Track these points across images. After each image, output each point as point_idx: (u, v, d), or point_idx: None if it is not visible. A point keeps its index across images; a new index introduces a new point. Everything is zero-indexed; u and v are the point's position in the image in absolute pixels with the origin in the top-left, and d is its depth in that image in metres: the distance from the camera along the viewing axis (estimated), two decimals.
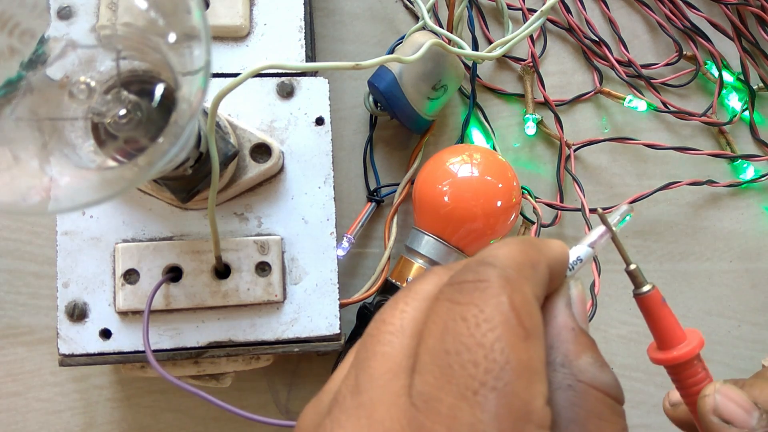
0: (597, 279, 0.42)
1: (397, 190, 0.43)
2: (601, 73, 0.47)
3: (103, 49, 0.26)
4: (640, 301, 0.24)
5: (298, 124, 0.37)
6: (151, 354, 0.32)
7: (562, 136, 0.45)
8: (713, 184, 0.46)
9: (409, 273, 0.39)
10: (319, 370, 0.42)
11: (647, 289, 0.24)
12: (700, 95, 0.48)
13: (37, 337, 0.41)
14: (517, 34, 0.40)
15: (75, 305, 0.34)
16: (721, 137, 0.48)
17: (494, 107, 0.46)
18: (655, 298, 0.24)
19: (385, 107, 0.41)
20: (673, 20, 0.48)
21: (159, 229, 0.35)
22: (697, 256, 0.46)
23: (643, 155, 0.47)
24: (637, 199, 0.45)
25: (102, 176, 0.26)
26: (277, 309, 0.35)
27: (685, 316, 0.45)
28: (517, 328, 0.16)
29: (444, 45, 0.38)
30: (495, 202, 0.38)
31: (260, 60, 0.37)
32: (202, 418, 0.41)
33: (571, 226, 0.46)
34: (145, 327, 0.32)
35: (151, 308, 0.34)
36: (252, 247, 0.35)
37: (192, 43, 0.23)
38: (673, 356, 0.23)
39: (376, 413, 0.16)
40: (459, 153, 0.40)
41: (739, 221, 0.47)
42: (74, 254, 0.34)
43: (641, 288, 0.24)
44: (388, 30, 0.47)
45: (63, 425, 0.40)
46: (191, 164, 0.30)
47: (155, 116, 0.26)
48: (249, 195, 0.36)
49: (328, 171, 0.37)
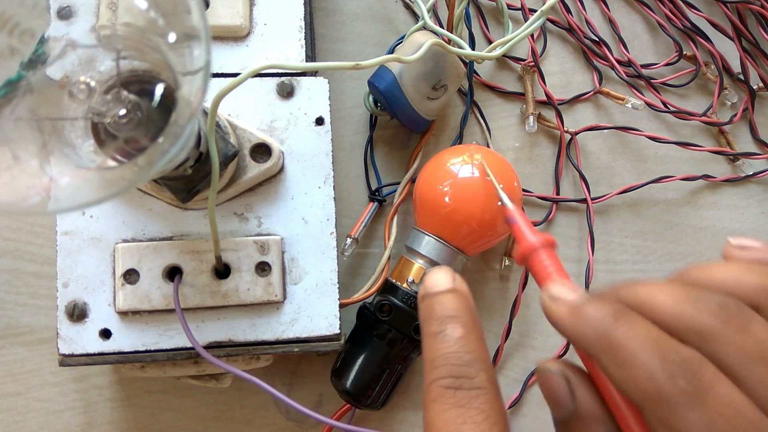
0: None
1: (398, 190, 0.43)
2: (600, 73, 0.47)
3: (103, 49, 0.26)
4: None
5: (298, 124, 0.37)
6: (201, 348, 0.33)
7: (562, 128, 0.45)
8: (709, 178, 0.46)
9: (409, 273, 0.39)
10: (319, 370, 0.42)
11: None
12: (700, 95, 0.49)
13: (37, 337, 0.41)
14: (517, 34, 0.40)
15: (75, 305, 0.34)
16: (721, 137, 0.48)
17: (494, 106, 0.46)
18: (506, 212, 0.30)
19: (385, 107, 0.41)
20: (673, 20, 0.48)
21: (159, 229, 0.35)
22: (697, 256, 0.46)
23: (643, 154, 0.47)
24: (627, 190, 0.45)
25: (102, 176, 0.26)
26: (277, 309, 0.35)
27: None
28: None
29: (444, 45, 0.38)
30: (496, 203, 0.38)
31: (260, 60, 0.37)
32: (202, 418, 0.41)
33: (565, 224, 0.46)
34: (183, 323, 0.33)
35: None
36: (252, 247, 0.35)
37: (192, 43, 0.23)
38: (516, 254, 0.28)
39: None
40: (460, 153, 0.40)
41: (739, 221, 0.47)
42: (74, 254, 0.34)
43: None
44: (388, 30, 0.47)
45: (63, 425, 0.40)
46: (191, 164, 0.30)
47: (155, 116, 0.26)
48: (249, 195, 0.36)
49: (328, 171, 0.37)
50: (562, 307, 0.23)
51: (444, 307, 0.25)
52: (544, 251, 0.27)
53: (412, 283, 0.38)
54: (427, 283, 0.26)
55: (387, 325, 0.38)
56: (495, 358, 0.43)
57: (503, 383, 0.43)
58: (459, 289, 0.26)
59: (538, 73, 0.46)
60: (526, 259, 0.27)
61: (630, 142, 0.47)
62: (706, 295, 0.21)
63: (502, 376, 0.43)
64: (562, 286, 0.24)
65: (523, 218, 0.29)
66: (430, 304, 0.26)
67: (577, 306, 0.22)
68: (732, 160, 0.48)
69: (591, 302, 0.22)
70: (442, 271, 0.26)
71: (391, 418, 0.42)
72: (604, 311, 0.21)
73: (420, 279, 0.38)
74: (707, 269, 0.23)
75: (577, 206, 0.46)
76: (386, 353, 0.38)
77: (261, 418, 0.42)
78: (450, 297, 0.25)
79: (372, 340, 0.38)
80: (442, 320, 0.25)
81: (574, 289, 0.23)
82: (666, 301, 0.21)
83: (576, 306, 0.22)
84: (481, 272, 0.44)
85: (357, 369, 0.38)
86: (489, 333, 0.44)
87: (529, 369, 0.43)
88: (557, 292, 0.23)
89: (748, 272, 0.22)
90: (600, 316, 0.21)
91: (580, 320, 0.22)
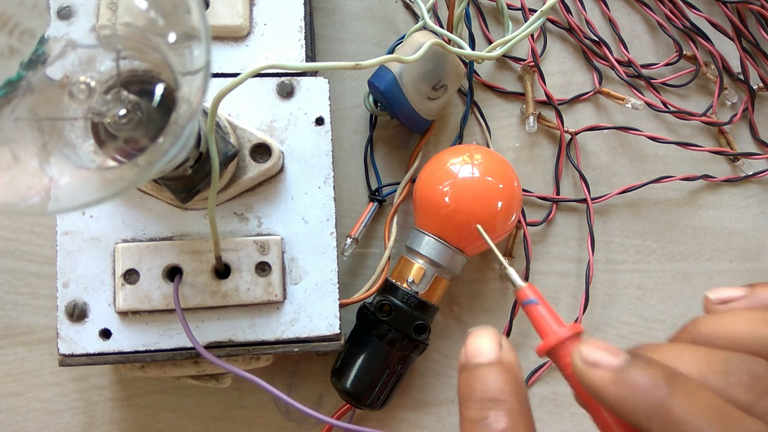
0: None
1: (398, 190, 0.43)
2: (600, 73, 0.47)
3: (103, 49, 0.26)
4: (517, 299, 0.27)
5: (298, 124, 0.37)
6: (201, 348, 0.33)
7: (562, 128, 0.45)
8: (709, 178, 0.46)
9: (409, 273, 0.39)
10: (319, 370, 0.42)
11: (518, 286, 0.26)
12: (700, 95, 0.49)
13: (37, 337, 0.41)
14: (517, 34, 0.40)
15: (75, 305, 0.34)
16: (721, 137, 0.48)
17: (494, 106, 0.46)
18: (521, 296, 0.26)
19: (385, 107, 0.41)
20: (673, 20, 0.48)
21: (159, 229, 0.35)
22: (697, 256, 0.46)
23: (643, 154, 0.47)
24: (627, 190, 0.45)
25: (102, 176, 0.26)
26: (277, 309, 0.35)
27: (685, 316, 0.45)
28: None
29: (444, 45, 0.38)
30: (496, 203, 0.38)
31: (260, 60, 0.37)
32: (202, 418, 0.41)
33: (565, 224, 0.46)
34: (183, 323, 0.33)
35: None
36: (252, 247, 0.35)
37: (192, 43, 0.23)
38: (539, 347, 0.24)
39: None
40: (460, 153, 0.40)
41: (739, 221, 0.47)
42: (74, 254, 0.34)
43: (515, 287, 0.26)
44: (388, 30, 0.47)
45: (63, 425, 0.40)
46: (191, 164, 0.30)
47: (155, 116, 0.26)
48: (249, 195, 0.36)
49: (328, 171, 0.37)
50: (604, 373, 0.20)
51: (486, 386, 0.21)
52: (572, 342, 0.23)
53: (412, 283, 0.38)
54: (468, 350, 0.22)
55: (387, 325, 0.38)
56: None
57: None
58: (506, 362, 0.22)
59: (538, 73, 0.45)
60: (551, 354, 0.24)
61: (630, 142, 0.47)
62: (733, 365, 0.19)
63: None
64: (598, 349, 0.20)
65: (545, 307, 0.25)
66: (469, 380, 0.22)
67: (622, 371, 0.19)
68: (732, 160, 0.48)
69: (635, 366, 0.19)
70: (487, 336, 0.22)
71: (391, 418, 0.42)
72: (655, 377, 0.19)
73: (420, 279, 0.38)
74: (719, 324, 0.21)
75: (577, 206, 0.46)
76: (386, 353, 0.38)
77: (261, 418, 0.42)
78: (495, 373, 0.21)
79: (372, 340, 0.38)
80: (484, 404, 0.21)
81: (613, 350, 0.20)
82: (691, 372, 0.19)
83: (620, 371, 0.19)
84: (481, 272, 0.44)
85: (357, 369, 0.38)
86: None
87: (529, 369, 0.43)
88: (595, 356, 0.20)
89: (763, 323, 0.20)
90: (650, 383, 0.19)
91: (628, 390, 0.19)
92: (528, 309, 0.25)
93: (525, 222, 0.44)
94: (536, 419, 0.46)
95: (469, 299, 0.44)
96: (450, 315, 0.44)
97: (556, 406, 0.43)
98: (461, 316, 0.44)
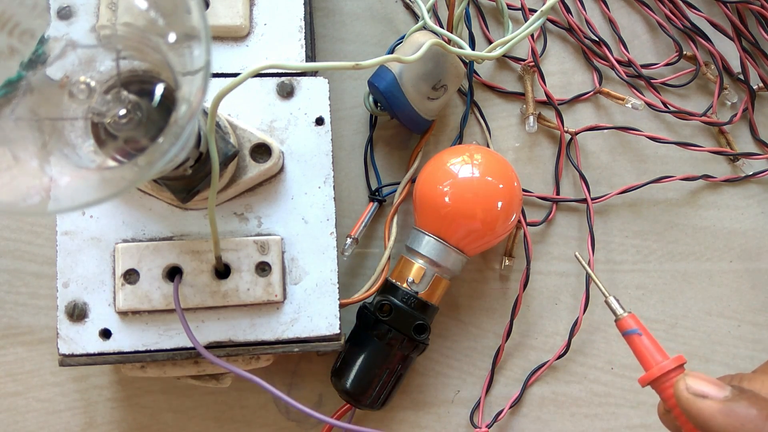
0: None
1: (398, 190, 0.43)
2: (600, 73, 0.47)
3: (103, 49, 0.26)
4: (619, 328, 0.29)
5: (298, 124, 0.37)
6: (201, 348, 0.33)
7: (562, 128, 0.45)
8: (709, 178, 0.46)
9: (409, 273, 0.39)
10: (319, 370, 0.42)
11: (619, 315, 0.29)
12: (700, 95, 0.48)
13: (37, 337, 0.41)
14: (517, 34, 0.40)
15: (75, 305, 0.34)
16: (722, 137, 0.48)
17: (494, 106, 0.46)
18: (623, 325, 0.29)
19: (385, 107, 0.41)
20: (673, 20, 0.48)
21: (159, 229, 0.35)
22: (697, 256, 0.46)
23: (643, 154, 0.47)
24: (627, 190, 0.45)
25: (102, 176, 0.26)
26: (277, 309, 0.35)
27: (685, 316, 0.45)
28: None
29: (444, 45, 0.38)
30: (496, 203, 0.38)
31: (260, 60, 0.37)
32: (202, 418, 0.41)
33: (565, 224, 0.46)
34: (183, 323, 0.33)
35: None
36: (252, 247, 0.35)
37: (192, 43, 0.23)
38: (643, 377, 0.26)
39: None
40: (460, 153, 0.40)
41: (739, 221, 0.47)
42: (74, 254, 0.34)
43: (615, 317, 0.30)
44: (388, 30, 0.47)
45: (63, 425, 0.40)
46: (191, 164, 0.30)
47: (155, 116, 0.26)
48: (249, 195, 0.36)
49: (328, 171, 0.37)
50: (713, 404, 0.22)
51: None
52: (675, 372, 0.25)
53: (412, 283, 0.38)
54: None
55: (387, 325, 0.38)
56: (495, 358, 0.43)
57: (503, 383, 0.43)
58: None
59: (538, 73, 0.45)
60: (654, 384, 0.26)
61: (630, 142, 0.47)
62: None
63: (502, 376, 0.43)
64: (704, 381, 0.23)
65: (648, 337, 0.27)
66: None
67: (730, 402, 0.22)
68: (732, 160, 0.48)
69: (744, 398, 0.22)
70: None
71: (391, 418, 0.42)
72: (759, 411, 0.21)
73: (420, 279, 0.38)
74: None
75: (577, 206, 0.46)
76: (386, 353, 0.38)
77: (261, 418, 0.42)
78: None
79: (372, 340, 0.38)
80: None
81: (717, 382, 0.23)
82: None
83: (729, 402, 0.22)
84: (481, 272, 0.44)
85: (357, 369, 0.38)
86: (489, 333, 0.44)
87: (530, 369, 0.43)
88: (702, 388, 0.23)
89: None
90: (753, 416, 0.21)
91: (739, 420, 0.21)
92: (630, 339, 0.28)
93: (525, 222, 0.44)
94: (536, 419, 0.46)
95: (469, 299, 0.44)
96: (450, 315, 0.44)
97: (556, 406, 0.43)
98: (461, 316, 0.44)
